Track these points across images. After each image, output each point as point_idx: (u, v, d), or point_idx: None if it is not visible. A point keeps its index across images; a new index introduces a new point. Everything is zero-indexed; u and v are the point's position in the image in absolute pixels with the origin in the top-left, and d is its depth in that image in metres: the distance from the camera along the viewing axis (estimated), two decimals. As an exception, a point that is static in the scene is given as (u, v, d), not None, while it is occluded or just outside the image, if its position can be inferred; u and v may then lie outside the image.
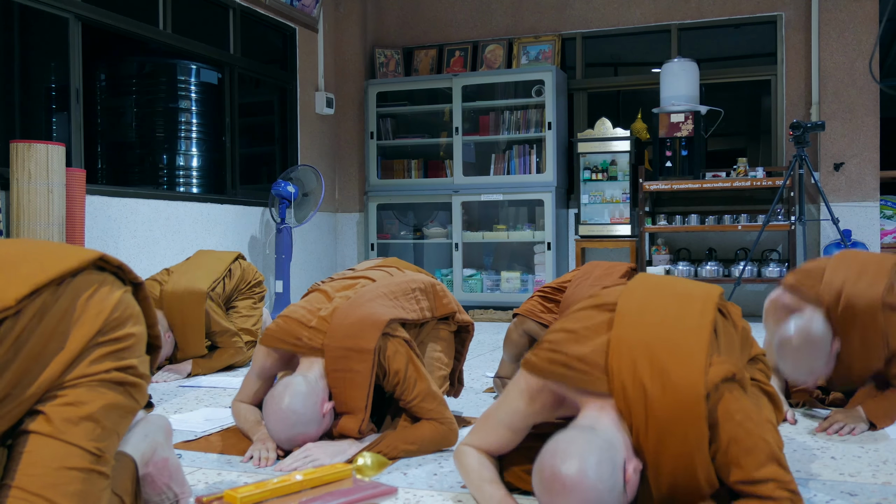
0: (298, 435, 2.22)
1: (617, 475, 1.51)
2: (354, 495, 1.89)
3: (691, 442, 1.56)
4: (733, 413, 1.58)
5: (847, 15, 6.13)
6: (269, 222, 6.27)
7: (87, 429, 1.33)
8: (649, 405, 1.58)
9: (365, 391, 2.27)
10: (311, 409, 2.22)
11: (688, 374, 1.58)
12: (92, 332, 1.37)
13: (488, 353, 4.48)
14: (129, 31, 5.14)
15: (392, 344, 2.33)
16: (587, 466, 1.48)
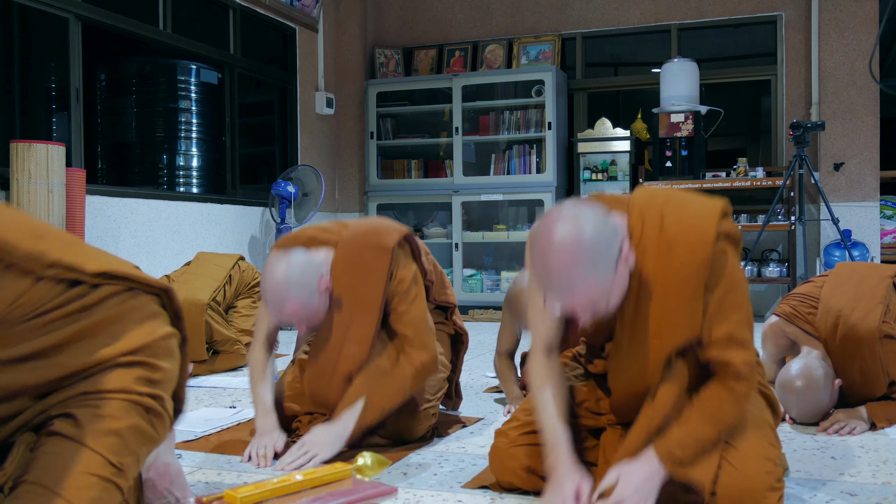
0: (292, 297, 2.16)
1: (613, 241, 1.57)
2: (354, 495, 1.89)
3: (695, 266, 1.64)
4: (734, 268, 1.68)
5: (847, 15, 6.13)
6: (269, 222, 6.27)
7: (112, 442, 1.35)
8: (664, 224, 1.68)
9: (381, 289, 2.26)
10: (309, 278, 2.19)
11: (705, 209, 1.70)
12: (139, 345, 1.42)
13: (488, 353, 4.48)
14: (129, 31, 5.14)
15: (406, 254, 2.36)
16: (585, 222, 1.55)
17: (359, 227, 2.39)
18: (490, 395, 3.24)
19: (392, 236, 2.32)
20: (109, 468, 1.34)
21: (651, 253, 1.67)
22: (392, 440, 2.40)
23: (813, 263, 6.17)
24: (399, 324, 2.31)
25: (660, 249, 1.66)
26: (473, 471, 2.13)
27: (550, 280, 1.56)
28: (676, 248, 1.65)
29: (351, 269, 2.30)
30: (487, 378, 3.63)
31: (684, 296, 1.65)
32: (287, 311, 2.19)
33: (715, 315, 1.66)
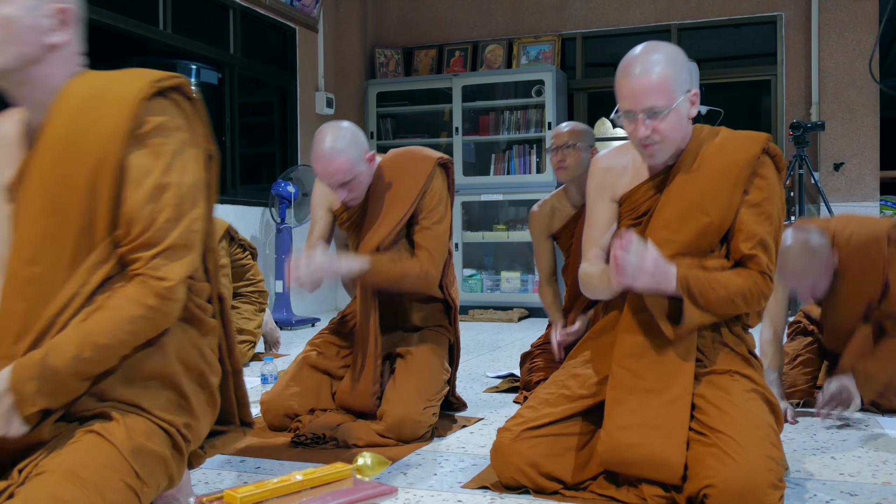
0: (340, 155, 2.37)
1: (689, 79, 1.90)
2: (354, 495, 1.89)
3: (741, 160, 1.91)
4: (772, 182, 1.93)
5: (847, 15, 6.13)
6: (269, 222, 6.27)
7: (144, 458, 1.42)
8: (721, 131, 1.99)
9: (416, 190, 2.49)
10: (359, 142, 2.43)
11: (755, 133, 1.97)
12: (183, 369, 1.56)
13: (488, 353, 4.48)
14: (129, 31, 5.14)
15: (444, 178, 2.57)
16: (675, 49, 1.94)
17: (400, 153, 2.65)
18: (490, 395, 3.24)
19: (435, 155, 2.58)
20: (136, 479, 1.40)
21: (707, 146, 1.95)
22: (392, 440, 2.40)
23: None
24: (419, 236, 2.51)
25: (714, 144, 1.95)
26: (473, 471, 2.13)
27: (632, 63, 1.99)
28: (729, 146, 1.94)
29: (395, 169, 2.55)
30: (487, 378, 3.63)
31: (728, 182, 1.91)
32: (335, 166, 2.39)
33: (748, 216, 1.91)
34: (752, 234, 1.90)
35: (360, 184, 2.48)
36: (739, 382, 1.90)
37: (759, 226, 1.90)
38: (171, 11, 5.47)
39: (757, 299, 1.90)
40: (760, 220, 1.91)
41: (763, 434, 1.77)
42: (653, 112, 1.87)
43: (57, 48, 1.46)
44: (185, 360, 1.54)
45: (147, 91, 1.43)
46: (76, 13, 1.50)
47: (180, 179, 1.45)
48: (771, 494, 1.67)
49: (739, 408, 1.81)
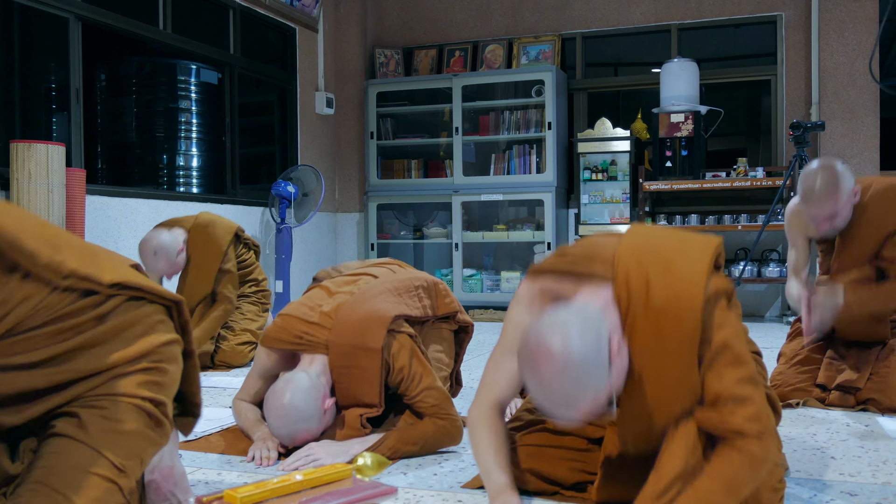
0: (300, 431, 2.22)
1: (602, 347, 1.49)
2: (354, 495, 1.89)
3: (685, 334, 1.55)
4: (728, 324, 1.59)
5: (847, 15, 6.13)
6: (269, 222, 6.27)
7: (116, 443, 1.38)
8: (650, 292, 1.59)
9: (376, 387, 2.29)
10: (313, 405, 2.22)
11: (692, 269, 1.60)
12: (145, 350, 1.45)
13: (488, 352, 4.47)
14: (129, 31, 5.14)
15: (398, 340, 2.34)
16: (572, 335, 1.47)
17: (345, 321, 2.35)
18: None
19: (378, 336, 2.30)
20: (113, 470, 1.36)
21: (640, 323, 1.59)
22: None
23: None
24: (418, 405, 2.32)
25: (648, 319, 1.58)
26: (473, 471, 2.13)
27: (548, 402, 1.50)
28: (664, 318, 1.57)
29: (345, 370, 2.31)
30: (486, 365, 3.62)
31: (679, 367, 1.57)
32: (298, 441, 2.25)
33: (710, 377, 1.56)
34: (718, 397, 1.55)
35: (321, 431, 2.29)
36: None
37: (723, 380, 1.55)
38: (171, 11, 5.47)
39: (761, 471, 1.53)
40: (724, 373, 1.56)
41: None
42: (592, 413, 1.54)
43: None
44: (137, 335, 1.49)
45: None
46: None
47: None
48: (770, 497, 1.66)
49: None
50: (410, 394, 2.32)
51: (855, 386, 2.86)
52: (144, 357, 1.45)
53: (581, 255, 1.72)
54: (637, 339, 1.59)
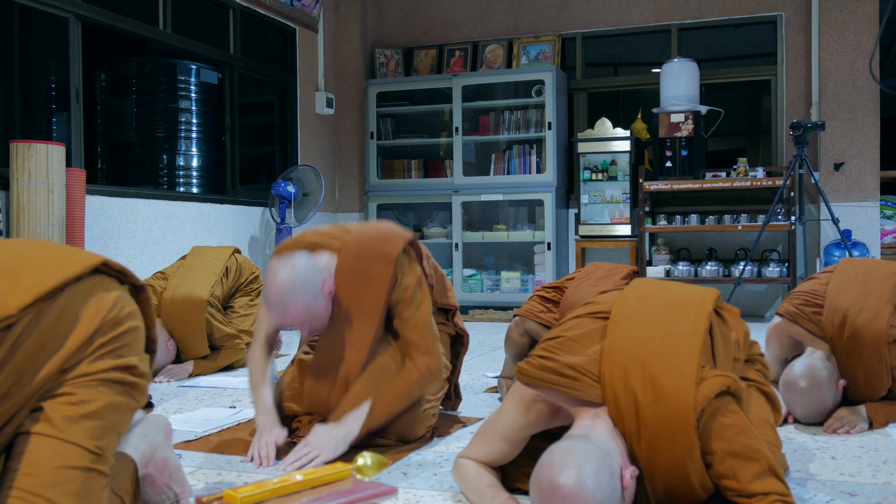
0: (297, 304, 2.15)
1: (615, 483, 1.51)
2: (354, 495, 1.89)
3: (681, 451, 1.57)
4: (728, 427, 1.59)
5: (847, 15, 6.13)
6: (269, 222, 6.27)
7: (87, 427, 1.32)
8: (640, 414, 1.59)
9: (383, 297, 2.28)
10: (313, 281, 2.18)
11: (678, 384, 1.59)
12: (90, 332, 1.37)
13: (488, 352, 4.48)
14: (129, 31, 5.14)
15: (412, 265, 2.38)
16: (585, 476, 1.47)
17: (362, 232, 2.39)
18: (490, 395, 3.24)
19: (396, 244, 2.33)
20: (88, 456, 1.31)
21: (636, 441, 1.60)
22: (392, 440, 2.40)
23: (813, 264, 6.17)
24: (405, 328, 2.32)
25: (643, 438, 1.59)
26: (473, 471, 2.13)
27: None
28: (659, 438, 1.58)
29: (354, 275, 2.30)
30: (487, 378, 3.63)
31: (685, 477, 1.58)
32: (290, 315, 2.18)
33: (725, 481, 1.58)
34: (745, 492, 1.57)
35: (319, 318, 2.25)
36: None
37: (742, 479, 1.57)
38: (171, 11, 5.47)
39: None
40: (738, 474, 1.57)
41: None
42: None
43: None
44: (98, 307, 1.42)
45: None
46: None
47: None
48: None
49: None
50: (404, 314, 2.31)
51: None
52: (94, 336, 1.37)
53: (566, 366, 1.69)
54: (641, 453, 1.61)
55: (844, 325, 2.59)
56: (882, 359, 2.55)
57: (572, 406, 1.69)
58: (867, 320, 2.56)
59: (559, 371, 1.68)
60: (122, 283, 1.49)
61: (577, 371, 1.67)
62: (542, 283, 6.60)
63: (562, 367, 1.69)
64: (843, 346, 2.60)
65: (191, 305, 3.70)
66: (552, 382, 1.69)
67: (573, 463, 1.48)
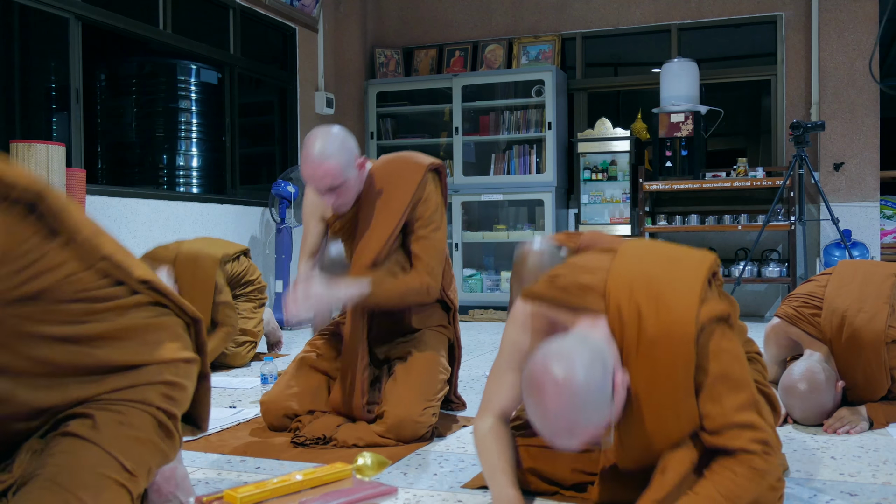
0: (332, 162, 2.33)
1: (607, 380, 1.50)
2: (354, 495, 1.89)
3: (678, 365, 1.56)
4: (723, 350, 1.59)
5: (847, 15, 6.13)
6: (269, 222, 6.27)
7: (129, 448, 1.39)
8: (642, 324, 1.59)
9: (408, 197, 2.45)
10: (348, 148, 2.39)
11: (682, 298, 1.60)
12: (169, 359, 1.48)
13: (488, 353, 4.48)
14: (129, 31, 5.14)
15: (436, 190, 2.57)
16: (578, 366, 1.47)
17: (391, 159, 2.62)
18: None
19: (427, 160, 2.57)
20: (123, 473, 1.36)
21: (634, 356, 1.60)
22: (392, 440, 2.40)
23: (813, 263, 6.17)
24: (416, 245, 2.48)
25: (642, 352, 1.59)
26: (473, 471, 2.13)
27: (549, 429, 1.50)
28: (658, 351, 1.58)
29: (385, 175, 2.50)
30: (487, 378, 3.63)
31: (675, 397, 1.58)
32: (323, 170, 2.34)
33: (710, 406, 1.57)
34: (722, 426, 1.56)
35: (348, 190, 2.43)
36: None
37: (726, 407, 1.56)
38: (171, 11, 5.47)
39: (760, 481, 1.55)
40: (723, 400, 1.57)
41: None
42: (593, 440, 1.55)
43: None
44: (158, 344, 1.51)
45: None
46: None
47: None
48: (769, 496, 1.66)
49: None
50: (419, 232, 2.47)
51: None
52: (166, 367, 1.48)
53: (573, 284, 1.71)
54: (632, 371, 1.60)
55: (843, 327, 2.58)
56: (881, 359, 2.55)
57: (573, 317, 1.69)
58: (865, 321, 2.55)
59: (565, 287, 1.71)
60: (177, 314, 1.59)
61: (583, 287, 1.69)
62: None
63: (568, 285, 1.71)
64: (842, 347, 2.60)
65: (204, 260, 3.79)
66: (558, 298, 1.71)
67: (567, 353, 1.49)
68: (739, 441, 1.54)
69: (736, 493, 1.52)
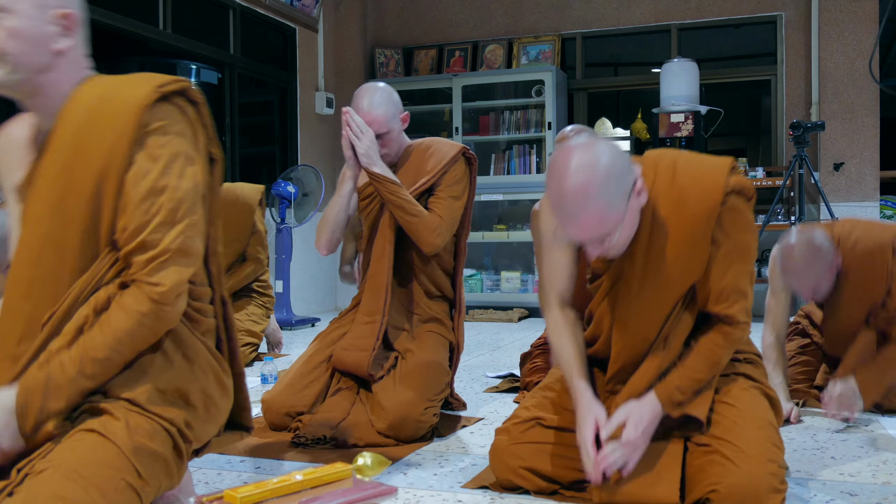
0: (379, 110, 2.62)
1: (627, 175, 1.64)
2: (354, 495, 1.89)
3: (702, 216, 1.72)
4: (743, 220, 1.77)
5: (847, 15, 6.13)
6: (269, 222, 6.27)
7: (145, 457, 1.42)
8: (676, 176, 1.76)
9: (438, 168, 2.65)
10: (394, 103, 2.72)
11: (713, 165, 1.78)
12: (202, 391, 1.59)
13: (488, 353, 4.48)
14: (128, 31, 5.14)
15: (467, 169, 2.72)
16: (601, 151, 1.61)
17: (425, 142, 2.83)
18: (490, 395, 3.24)
19: (462, 148, 2.74)
20: (138, 479, 1.40)
21: (663, 200, 1.75)
22: (392, 440, 2.40)
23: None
24: (435, 204, 2.63)
25: (671, 197, 1.75)
26: (473, 471, 2.13)
27: (564, 203, 1.61)
28: (687, 196, 1.74)
29: (425, 145, 2.77)
30: (487, 378, 3.63)
31: (694, 242, 1.74)
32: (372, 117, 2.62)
33: (718, 267, 1.76)
34: (722, 291, 1.77)
35: (392, 140, 2.68)
36: (736, 381, 1.89)
37: (729, 275, 1.77)
38: (171, 11, 5.47)
39: (735, 348, 1.83)
40: (730, 268, 1.77)
41: (764, 435, 1.76)
42: (601, 238, 1.67)
43: (63, 54, 1.48)
44: (192, 360, 1.55)
45: (151, 97, 1.45)
46: (79, 17, 1.51)
47: (177, 183, 1.45)
48: (772, 498, 1.67)
49: (738, 409, 1.81)
50: (440, 194, 2.64)
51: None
52: (196, 396, 1.55)
53: None
54: (658, 213, 1.75)
55: (852, 235, 2.69)
56: (885, 265, 2.63)
57: None
58: (876, 233, 2.70)
59: None
60: None
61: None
62: (542, 283, 6.61)
63: None
64: (848, 251, 2.67)
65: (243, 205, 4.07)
66: None
67: (594, 142, 1.63)
68: (734, 309, 1.77)
69: (717, 361, 1.79)
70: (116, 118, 1.43)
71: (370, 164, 2.54)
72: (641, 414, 1.76)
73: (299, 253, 6.56)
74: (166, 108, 1.47)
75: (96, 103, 1.47)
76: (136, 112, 1.43)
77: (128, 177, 1.43)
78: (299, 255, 6.57)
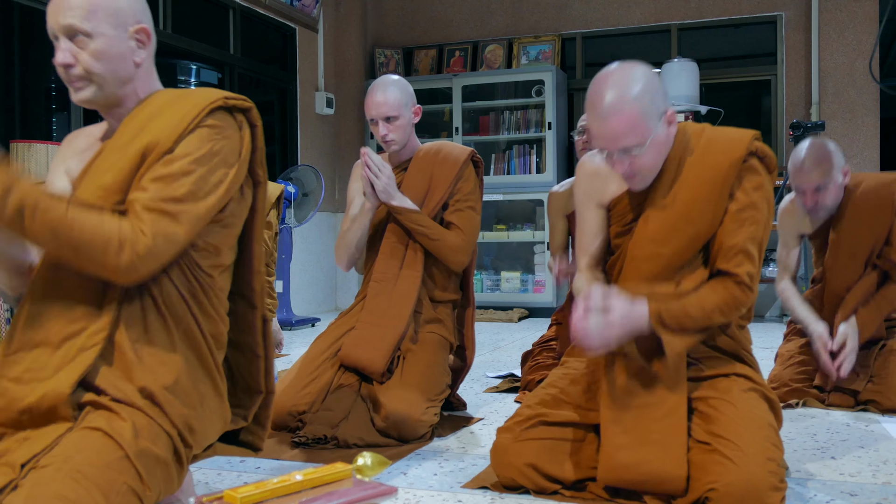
0: (394, 93, 2.64)
1: (661, 96, 1.79)
2: (354, 495, 1.89)
3: (725, 169, 1.82)
4: (761, 183, 1.86)
5: (847, 15, 6.13)
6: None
7: (147, 460, 1.43)
8: (706, 130, 1.89)
9: (454, 175, 2.67)
10: (409, 93, 2.70)
11: (742, 130, 1.89)
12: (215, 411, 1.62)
13: (488, 353, 4.48)
14: (129, 31, 5.13)
15: (474, 172, 2.75)
16: (644, 70, 1.79)
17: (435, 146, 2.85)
18: (490, 395, 3.24)
19: (467, 152, 2.75)
20: (140, 484, 1.40)
21: (691, 149, 1.87)
22: (392, 440, 2.41)
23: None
24: (456, 217, 2.67)
25: (699, 147, 1.87)
26: (473, 471, 2.13)
27: (599, 104, 1.76)
28: (713, 147, 1.86)
29: (434, 150, 2.75)
30: (487, 378, 3.63)
31: (713, 192, 1.83)
32: (385, 97, 2.68)
33: (732, 222, 1.84)
34: (732, 247, 1.84)
35: (401, 128, 2.70)
36: (737, 382, 1.89)
37: (742, 233, 1.83)
38: (171, 11, 5.47)
39: (733, 311, 1.86)
40: (744, 227, 1.84)
41: (764, 435, 1.77)
42: (628, 150, 1.80)
43: (141, 65, 1.59)
44: (196, 366, 1.57)
45: (216, 103, 1.54)
46: (151, 29, 1.62)
47: (205, 174, 1.50)
48: (772, 497, 1.67)
49: (738, 408, 1.81)
50: (458, 205, 2.67)
51: (853, 389, 2.86)
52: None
53: None
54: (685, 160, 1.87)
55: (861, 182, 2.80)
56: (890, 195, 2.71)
57: None
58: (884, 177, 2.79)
59: None
60: None
61: None
62: (542, 284, 6.61)
63: None
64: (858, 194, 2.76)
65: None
66: None
67: (636, 64, 1.81)
68: (741, 269, 1.83)
69: (710, 308, 1.83)
70: (180, 112, 1.53)
71: (389, 198, 2.63)
72: (626, 306, 1.82)
73: (299, 253, 6.57)
74: (225, 117, 1.56)
75: (164, 103, 1.57)
76: (199, 108, 1.52)
77: (165, 158, 1.49)
78: (299, 255, 6.57)
